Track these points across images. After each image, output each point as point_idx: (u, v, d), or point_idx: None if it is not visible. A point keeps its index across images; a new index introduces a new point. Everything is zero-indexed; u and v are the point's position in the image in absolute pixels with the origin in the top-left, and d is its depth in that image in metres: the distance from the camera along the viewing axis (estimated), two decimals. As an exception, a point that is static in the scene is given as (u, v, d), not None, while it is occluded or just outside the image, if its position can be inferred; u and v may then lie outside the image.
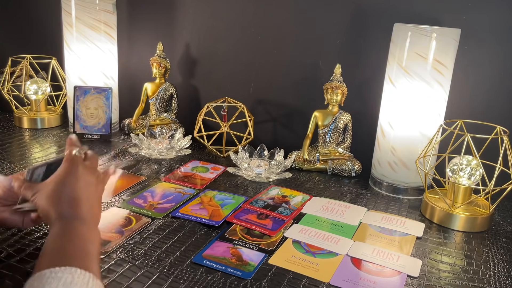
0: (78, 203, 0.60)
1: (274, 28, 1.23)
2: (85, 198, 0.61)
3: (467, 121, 0.93)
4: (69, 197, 0.60)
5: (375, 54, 1.12)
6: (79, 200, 0.60)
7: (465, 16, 1.03)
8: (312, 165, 1.13)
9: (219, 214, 0.85)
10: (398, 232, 0.84)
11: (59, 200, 0.59)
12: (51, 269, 0.48)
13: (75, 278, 0.48)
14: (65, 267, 0.48)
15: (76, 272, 0.48)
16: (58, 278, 0.47)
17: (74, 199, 0.60)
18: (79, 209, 0.59)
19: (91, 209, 0.61)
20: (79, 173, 0.62)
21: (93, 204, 0.62)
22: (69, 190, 0.60)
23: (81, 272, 0.49)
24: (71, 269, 0.48)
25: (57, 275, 0.47)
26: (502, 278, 0.72)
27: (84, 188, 0.62)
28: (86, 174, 0.63)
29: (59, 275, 0.47)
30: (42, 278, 0.47)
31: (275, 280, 0.67)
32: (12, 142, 1.19)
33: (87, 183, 0.63)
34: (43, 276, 0.47)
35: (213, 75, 1.34)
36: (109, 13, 1.25)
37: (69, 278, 0.47)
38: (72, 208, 0.59)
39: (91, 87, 1.24)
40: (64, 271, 0.48)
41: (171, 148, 1.16)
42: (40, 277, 0.48)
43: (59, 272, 0.48)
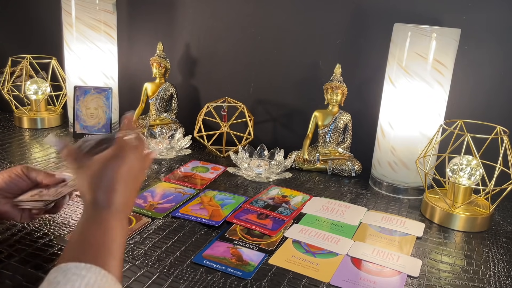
0: (115, 191, 0.58)
1: (274, 28, 1.23)
2: (123, 187, 0.59)
3: (467, 121, 0.93)
4: (109, 183, 0.58)
5: (375, 54, 1.12)
6: (117, 189, 0.58)
7: (465, 16, 1.03)
8: (312, 165, 1.13)
9: (219, 214, 0.85)
10: (398, 232, 0.84)
11: (98, 185, 0.58)
12: (76, 264, 0.48)
13: (98, 280, 0.47)
14: (91, 265, 0.48)
15: (100, 273, 0.48)
16: (82, 276, 0.47)
17: (112, 187, 0.58)
18: (114, 198, 0.58)
19: (126, 200, 0.59)
20: (125, 161, 0.60)
21: (129, 194, 0.60)
22: (110, 176, 0.58)
23: (104, 274, 0.48)
24: (96, 269, 0.48)
25: (82, 273, 0.47)
26: (502, 278, 0.72)
27: (125, 178, 0.59)
28: (131, 163, 0.61)
29: (83, 273, 0.47)
30: (66, 272, 0.47)
31: (275, 280, 0.67)
32: (12, 142, 1.19)
33: (129, 173, 0.60)
34: (68, 270, 0.47)
35: (213, 75, 1.34)
36: (109, 13, 1.25)
37: (92, 279, 0.47)
38: (108, 195, 0.57)
39: (91, 87, 1.24)
40: (89, 269, 0.48)
41: (171, 148, 1.16)
42: (64, 270, 0.47)
43: (84, 269, 0.48)
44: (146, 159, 0.66)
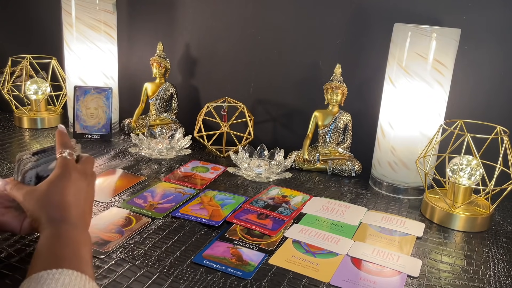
0: (68, 207, 0.59)
1: (274, 28, 1.23)
2: (75, 203, 0.61)
3: (467, 121, 0.93)
4: (59, 201, 0.59)
5: (375, 54, 1.12)
6: (69, 205, 0.60)
7: (465, 16, 1.03)
8: (312, 165, 1.13)
9: (219, 214, 0.85)
10: (398, 232, 0.84)
11: (50, 204, 0.59)
12: (47, 271, 0.48)
13: (72, 279, 0.47)
14: (62, 269, 0.48)
15: (73, 274, 0.48)
16: (56, 279, 0.47)
17: (64, 204, 0.59)
18: (69, 213, 0.59)
19: (81, 214, 0.61)
20: (71, 177, 0.62)
21: (83, 209, 0.62)
22: (60, 194, 0.60)
23: (77, 274, 0.49)
24: (68, 271, 0.48)
25: (55, 276, 0.47)
26: (502, 278, 0.72)
27: (74, 193, 0.61)
28: (78, 178, 0.63)
29: (56, 276, 0.47)
30: (39, 280, 0.47)
31: (275, 280, 0.67)
32: (12, 142, 1.19)
33: (78, 188, 0.62)
34: (40, 278, 0.47)
35: (213, 75, 1.34)
36: (109, 13, 1.25)
37: (66, 280, 0.47)
38: (62, 212, 0.58)
39: (91, 87, 1.24)
40: (61, 273, 0.48)
41: (171, 148, 1.16)
42: (37, 279, 0.47)
43: (56, 273, 0.48)
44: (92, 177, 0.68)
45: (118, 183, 0.97)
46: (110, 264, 0.67)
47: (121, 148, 1.18)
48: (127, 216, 0.83)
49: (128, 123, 1.30)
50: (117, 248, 0.72)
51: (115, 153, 1.14)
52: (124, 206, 0.86)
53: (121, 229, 0.78)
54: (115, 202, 0.88)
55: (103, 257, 0.69)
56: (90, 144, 1.20)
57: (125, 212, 0.84)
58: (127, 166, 1.06)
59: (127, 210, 0.85)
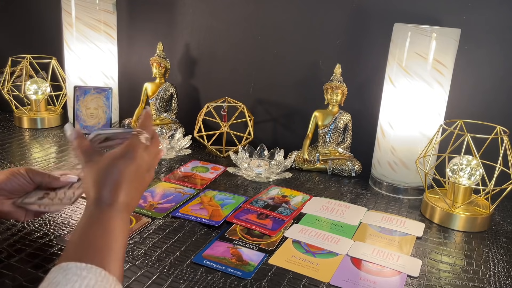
0: (120, 190, 0.57)
1: (274, 28, 1.23)
2: (128, 187, 0.58)
3: (467, 121, 0.93)
4: (115, 181, 0.57)
5: (375, 54, 1.12)
6: (122, 187, 0.57)
7: (465, 16, 1.03)
8: (312, 165, 1.13)
9: (219, 214, 0.85)
10: (398, 232, 0.84)
11: (104, 182, 0.57)
12: (77, 264, 0.48)
13: (98, 281, 0.47)
14: (91, 265, 0.48)
15: (100, 274, 0.48)
16: (83, 277, 0.46)
17: (118, 185, 0.57)
18: (118, 198, 0.57)
19: (130, 200, 0.59)
20: (135, 160, 0.59)
21: (134, 195, 0.60)
22: (117, 174, 0.58)
23: (105, 275, 0.48)
24: (96, 270, 0.48)
25: (82, 273, 0.47)
26: (502, 278, 0.72)
27: (132, 177, 0.59)
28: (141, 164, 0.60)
29: (84, 274, 0.47)
30: (67, 272, 0.47)
31: (275, 280, 0.67)
32: (12, 142, 1.19)
33: (136, 173, 0.59)
34: (68, 270, 0.47)
35: (213, 75, 1.34)
36: (109, 13, 1.25)
37: (92, 280, 0.46)
38: (112, 195, 0.57)
39: (91, 87, 1.24)
40: (90, 270, 0.47)
41: (171, 148, 1.16)
42: (65, 270, 0.47)
43: (85, 270, 0.47)
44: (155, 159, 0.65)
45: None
46: (110, 264, 0.67)
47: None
48: (127, 216, 0.83)
49: (128, 123, 1.30)
50: (117, 248, 0.72)
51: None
52: (124, 206, 0.86)
53: (121, 229, 0.78)
54: (115, 202, 0.88)
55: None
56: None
57: (125, 212, 0.84)
58: (127, 166, 1.06)
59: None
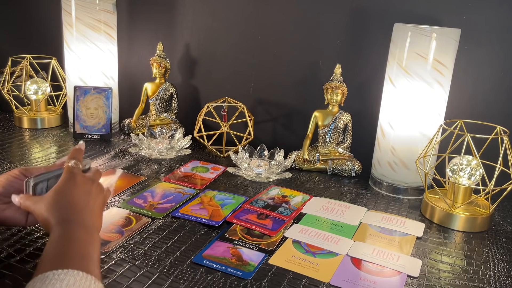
0: (77, 208, 0.61)
1: (274, 28, 1.23)
2: (84, 204, 0.62)
3: (467, 121, 0.93)
4: (68, 202, 0.61)
5: (375, 54, 1.12)
6: (78, 206, 0.61)
7: (465, 16, 1.03)
8: (312, 165, 1.13)
9: (219, 214, 0.85)
10: (398, 232, 0.84)
11: (59, 206, 0.60)
12: (53, 271, 0.48)
13: (78, 280, 0.48)
14: (67, 269, 0.49)
15: (78, 274, 0.49)
16: (61, 280, 0.47)
17: (73, 205, 0.61)
18: (78, 214, 0.60)
19: (91, 215, 0.62)
20: (77, 182, 0.64)
21: (93, 211, 0.63)
22: (68, 196, 0.62)
23: (83, 275, 0.49)
24: (73, 272, 0.49)
25: (60, 277, 0.48)
26: (502, 278, 0.72)
27: (83, 195, 0.63)
28: (85, 183, 0.65)
29: (61, 277, 0.48)
30: (44, 280, 0.48)
31: (275, 280, 0.67)
32: (12, 142, 1.19)
33: (86, 191, 0.64)
34: (46, 278, 0.48)
35: (213, 75, 1.34)
36: (109, 13, 1.25)
37: (71, 280, 0.48)
38: (71, 212, 0.60)
39: (91, 87, 1.24)
40: (66, 273, 0.48)
41: (171, 148, 1.16)
42: (42, 279, 0.48)
43: (62, 274, 0.48)
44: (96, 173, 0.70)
45: (118, 183, 0.97)
46: (110, 264, 0.67)
47: (121, 148, 1.18)
48: (127, 216, 0.83)
49: (128, 123, 1.30)
50: (117, 248, 0.72)
51: (115, 153, 1.14)
52: (124, 206, 0.86)
53: (121, 229, 0.78)
54: (115, 202, 0.88)
55: (103, 257, 0.69)
56: (90, 144, 1.20)
57: (125, 212, 0.84)
58: (127, 166, 1.06)
59: (127, 210, 0.85)
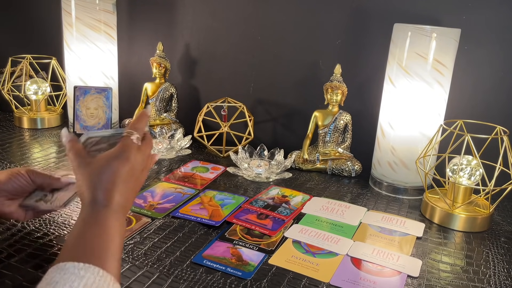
0: (114, 191, 0.57)
1: (274, 28, 1.23)
2: (123, 187, 0.58)
3: (467, 121, 0.93)
4: (108, 183, 0.57)
5: (375, 54, 1.12)
6: (116, 189, 0.57)
7: (465, 16, 1.03)
8: (312, 165, 1.13)
9: (219, 214, 0.85)
10: (398, 232, 0.84)
11: (98, 184, 0.57)
12: (74, 264, 0.48)
13: (97, 280, 0.47)
14: (89, 265, 0.48)
15: (98, 273, 0.48)
16: (81, 277, 0.46)
17: (112, 186, 0.57)
18: (113, 199, 0.57)
19: (125, 200, 0.59)
20: (128, 161, 0.59)
21: (129, 195, 0.60)
22: (111, 175, 0.57)
23: (103, 274, 0.48)
24: (94, 269, 0.48)
25: (80, 273, 0.47)
26: (502, 278, 0.72)
27: (126, 178, 0.59)
28: (134, 164, 0.60)
29: (81, 273, 0.47)
30: (64, 272, 0.47)
31: (275, 280, 0.67)
32: (12, 142, 1.19)
33: (130, 173, 0.59)
34: (66, 270, 0.47)
35: (213, 75, 1.34)
36: (109, 13, 1.25)
37: (91, 279, 0.47)
38: (107, 196, 0.56)
39: (91, 87, 1.24)
40: (87, 269, 0.47)
41: (171, 148, 1.16)
42: (62, 270, 0.47)
43: (82, 269, 0.47)
44: (149, 161, 0.65)
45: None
46: (110, 264, 0.67)
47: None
48: (127, 216, 0.83)
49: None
50: (117, 248, 0.72)
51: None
52: (124, 206, 0.86)
53: (121, 229, 0.78)
54: (115, 202, 0.88)
55: (103, 257, 0.69)
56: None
57: (125, 212, 0.84)
58: (127, 166, 1.06)
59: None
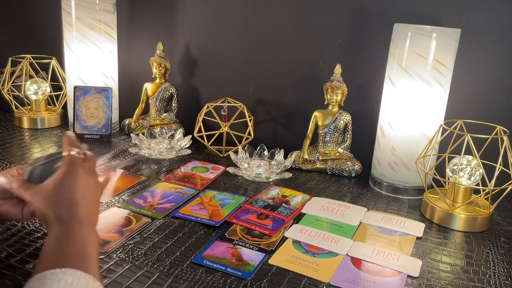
0: (76, 205, 0.59)
1: (274, 28, 1.23)
2: (83, 200, 0.61)
3: (467, 121, 0.93)
4: (68, 199, 0.60)
5: (375, 54, 1.12)
6: (77, 202, 0.60)
7: (465, 16, 1.03)
8: (312, 165, 1.13)
9: (219, 214, 0.85)
10: (398, 232, 0.84)
11: (57, 203, 0.59)
12: (51, 271, 0.48)
13: (75, 279, 0.48)
14: (65, 268, 0.49)
15: (76, 274, 0.49)
16: (58, 280, 0.47)
17: (72, 202, 0.60)
18: (77, 211, 0.59)
19: (89, 211, 0.61)
20: (78, 175, 0.62)
21: (91, 206, 0.62)
22: (68, 192, 0.60)
23: (81, 274, 0.49)
24: (71, 271, 0.49)
25: (57, 276, 0.47)
26: (502, 278, 0.72)
27: (82, 191, 0.61)
28: (85, 176, 0.63)
29: (59, 276, 0.47)
30: (42, 279, 0.47)
31: (275, 280, 0.67)
32: (12, 142, 1.19)
33: (85, 186, 0.62)
34: (44, 277, 0.48)
35: (213, 75, 1.34)
36: (109, 13, 1.25)
37: (69, 280, 0.47)
38: (70, 210, 0.59)
39: (91, 87, 1.24)
40: (64, 272, 0.48)
41: (171, 148, 1.16)
42: (40, 278, 0.48)
43: (59, 273, 0.48)
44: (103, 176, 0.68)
45: (118, 183, 0.97)
46: (110, 264, 0.67)
47: (121, 148, 1.18)
48: (127, 216, 0.83)
49: (128, 123, 1.30)
50: (117, 248, 0.72)
51: (115, 153, 1.14)
52: (124, 206, 0.86)
53: (121, 229, 0.78)
54: (115, 202, 0.88)
55: (103, 257, 0.69)
56: (90, 144, 1.20)
57: (125, 212, 0.84)
58: (127, 166, 1.06)
59: (127, 210, 0.85)
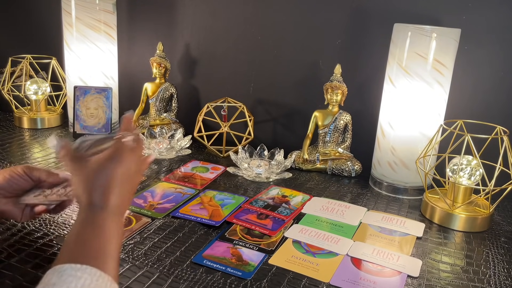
0: (111, 193, 0.58)
1: (274, 28, 1.23)
2: (119, 189, 0.59)
3: (467, 121, 0.93)
4: (104, 185, 0.58)
5: (375, 54, 1.12)
6: (112, 190, 0.58)
7: (465, 16, 1.03)
8: (312, 165, 1.13)
9: (219, 214, 0.85)
10: (398, 232, 0.84)
11: (94, 187, 0.58)
12: (71, 265, 0.48)
13: (94, 281, 0.47)
14: (86, 266, 0.48)
15: (95, 274, 0.48)
16: (78, 278, 0.47)
17: (108, 188, 0.58)
18: (110, 201, 0.57)
19: (121, 202, 0.59)
20: (122, 162, 0.60)
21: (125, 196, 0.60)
22: (107, 177, 0.58)
23: (100, 275, 0.48)
24: (92, 270, 0.48)
25: (77, 274, 0.47)
26: (502, 278, 0.72)
27: (121, 179, 0.59)
28: (128, 164, 0.60)
29: (79, 274, 0.47)
30: (62, 274, 0.47)
31: (275, 280, 0.67)
32: (12, 142, 1.19)
33: (126, 174, 0.60)
34: (63, 272, 0.47)
35: (213, 75, 1.34)
36: (109, 13, 1.25)
37: (88, 280, 0.47)
38: (104, 198, 0.57)
39: (91, 87, 1.24)
40: (84, 270, 0.48)
41: (171, 148, 1.16)
42: (60, 272, 0.47)
43: (80, 270, 0.48)
44: (143, 162, 0.65)
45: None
46: (110, 264, 0.67)
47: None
48: (127, 216, 0.83)
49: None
50: (117, 248, 0.72)
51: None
52: (124, 206, 0.86)
53: (121, 229, 0.78)
54: (115, 202, 0.88)
55: (103, 257, 0.69)
56: (90, 144, 1.20)
57: (125, 212, 0.84)
58: (127, 166, 1.06)
59: (127, 210, 0.85)
